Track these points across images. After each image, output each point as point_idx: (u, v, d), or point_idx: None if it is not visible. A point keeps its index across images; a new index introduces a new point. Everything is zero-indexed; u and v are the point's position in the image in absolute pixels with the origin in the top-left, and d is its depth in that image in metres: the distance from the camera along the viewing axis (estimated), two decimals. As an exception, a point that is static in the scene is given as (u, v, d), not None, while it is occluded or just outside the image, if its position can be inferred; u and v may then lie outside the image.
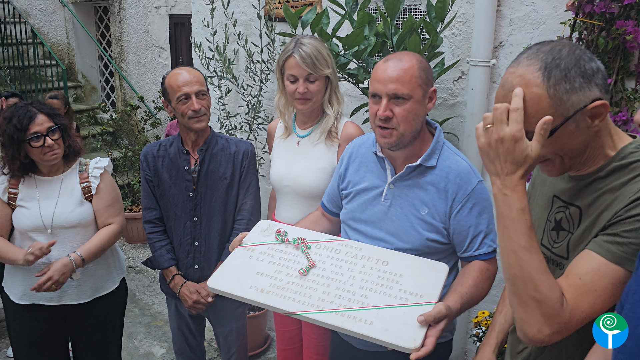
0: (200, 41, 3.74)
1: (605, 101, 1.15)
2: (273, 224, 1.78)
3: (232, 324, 2.56)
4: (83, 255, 2.31)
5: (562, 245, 1.29)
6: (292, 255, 1.63)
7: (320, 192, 2.20)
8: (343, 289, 1.50)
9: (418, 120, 1.65)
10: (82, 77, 7.33)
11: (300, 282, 1.52)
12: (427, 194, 1.70)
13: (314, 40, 2.15)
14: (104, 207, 2.42)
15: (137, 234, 5.56)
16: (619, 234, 1.11)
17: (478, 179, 1.69)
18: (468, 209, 1.66)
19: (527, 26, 2.47)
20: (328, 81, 2.19)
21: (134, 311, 4.26)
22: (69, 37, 7.30)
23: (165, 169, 2.39)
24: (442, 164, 1.70)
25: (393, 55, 1.67)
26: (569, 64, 1.14)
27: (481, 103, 2.59)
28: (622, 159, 1.20)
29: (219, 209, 2.38)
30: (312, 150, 2.24)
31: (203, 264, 2.42)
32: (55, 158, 2.32)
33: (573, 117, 1.15)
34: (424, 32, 2.58)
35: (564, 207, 1.30)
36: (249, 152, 2.42)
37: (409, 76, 1.60)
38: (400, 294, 1.46)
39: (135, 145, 5.96)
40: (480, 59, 2.54)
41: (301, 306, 1.45)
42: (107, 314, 2.52)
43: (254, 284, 1.54)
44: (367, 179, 1.82)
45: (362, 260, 1.60)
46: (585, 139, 1.19)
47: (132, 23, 6.45)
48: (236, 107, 3.73)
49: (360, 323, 1.38)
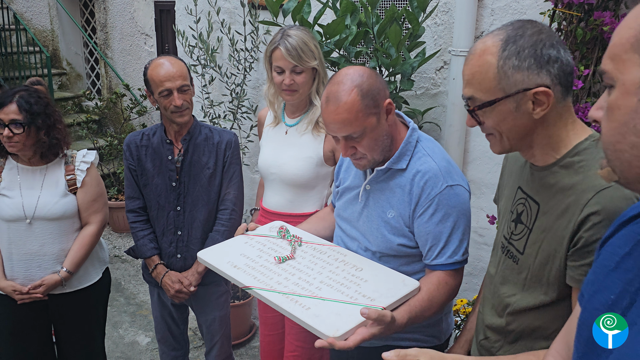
0: (184, 29, 3.71)
1: (548, 89, 1.14)
2: (285, 226, 1.84)
3: (215, 313, 2.57)
4: (70, 269, 2.36)
5: (520, 241, 1.30)
6: (281, 247, 1.72)
7: (305, 180, 2.21)
8: (304, 280, 1.54)
9: (382, 142, 1.59)
10: (67, 64, 7.24)
11: (271, 267, 1.61)
12: (394, 197, 1.64)
13: (300, 31, 2.14)
14: (89, 202, 2.41)
15: (123, 222, 5.53)
16: (591, 263, 1.07)
17: (446, 184, 1.56)
18: (429, 214, 1.56)
19: (508, 16, 2.48)
20: (315, 72, 2.19)
21: (119, 300, 4.25)
22: (53, 23, 7.20)
23: (149, 159, 2.38)
24: (412, 165, 1.61)
25: (330, 90, 1.53)
26: (526, 43, 1.14)
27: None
28: (574, 155, 1.20)
29: (202, 199, 2.38)
30: (299, 139, 2.25)
31: (185, 253, 2.43)
32: (11, 150, 2.26)
33: (513, 96, 1.16)
34: (406, 22, 2.58)
35: (524, 199, 1.32)
36: (232, 141, 2.41)
37: (353, 115, 1.50)
38: (353, 294, 1.47)
39: (121, 133, 5.91)
40: (462, 49, 2.55)
41: (257, 282, 1.54)
42: (89, 304, 2.52)
43: (231, 261, 1.66)
44: (351, 177, 1.81)
45: (339, 263, 1.63)
46: (526, 125, 1.19)
47: (117, 10, 6.37)
48: (220, 95, 3.71)
49: (298, 306, 1.42)
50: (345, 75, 1.53)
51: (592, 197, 1.12)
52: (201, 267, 2.39)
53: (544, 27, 1.19)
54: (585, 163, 1.17)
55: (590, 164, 1.17)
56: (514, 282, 1.32)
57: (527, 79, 1.14)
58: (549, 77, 1.14)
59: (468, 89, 1.23)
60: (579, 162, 1.18)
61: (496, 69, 1.16)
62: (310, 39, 2.15)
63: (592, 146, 1.19)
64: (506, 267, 1.36)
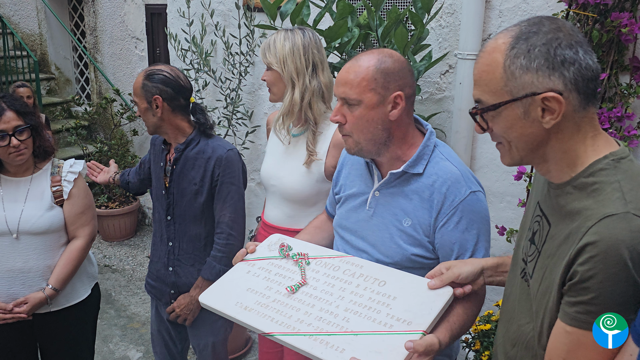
0: (176, 32, 3.58)
1: (558, 95, 1.00)
2: (282, 238, 1.68)
3: (209, 338, 2.41)
4: (56, 286, 2.21)
5: (531, 263, 1.17)
6: (288, 271, 1.55)
7: (305, 196, 2.09)
8: (326, 311, 1.38)
9: (373, 128, 1.49)
10: (56, 69, 7.09)
11: (285, 301, 1.45)
12: (411, 204, 1.53)
13: (289, 32, 2.02)
14: (76, 215, 2.28)
15: (114, 231, 5.39)
16: (589, 301, 0.97)
17: (470, 190, 1.48)
18: (454, 222, 1.47)
19: (517, 18, 2.38)
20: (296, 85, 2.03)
21: (109, 312, 4.10)
22: (41, 27, 7.04)
23: (153, 160, 2.34)
24: (430, 170, 1.51)
25: (363, 53, 1.52)
26: (538, 41, 1.02)
27: (469, 98, 2.49)
28: (589, 175, 1.05)
29: (189, 213, 2.25)
30: (300, 152, 2.12)
31: (177, 267, 2.30)
32: (21, 159, 2.16)
33: (520, 100, 1.03)
34: (409, 24, 2.47)
35: (540, 217, 1.19)
36: (223, 159, 2.18)
37: (359, 79, 1.45)
38: (386, 320, 1.32)
39: (111, 139, 5.78)
40: (469, 52, 2.44)
41: (278, 327, 1.37)
42: (78, 323, 2.37)
43: (240, 301, 1.49)
44: (356, 184, 1.68)
45: (358, 279, 1.46)
46: (537, 134, 1.06)
47: (107, 13, 6.24)
48: (214, 101, 3.59)
49: (331, 350, 1.27)
50: (380, 50, 1.51)
51: (593, 225, 0.97)
52: (198, 294, 2.26)
53: (565, 25, 1.05)
54: (599, 186, 1.02)
55: (603, 188, 1.01)
56: (527, 308, 1.18)
57: (536, 81, 1.01)
58: (561, 81, 1.01)
59: (475, 90, 1.12)
60: (592, 185, 1.03)
61: (502, 69, 1.04)
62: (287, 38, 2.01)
63: (609, 166, 1.04)
64: (522, 290, 1.22)
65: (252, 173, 3.53)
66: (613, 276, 0.93)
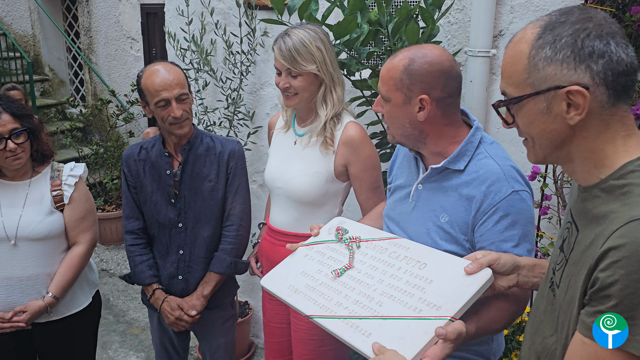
0: (175, 31, 3.50)
1: (584, 90, 0.93)
2: (343, 221, 1.68)
3: (220, 339, 2.36)
4: (56, 294, 2.14)
5: (559, 272, 1.09)
6: (340, 254, 1.57)
7: (313, 197, 2.01)
8: (364, 294, 1.39)
9: (402, 125, 1.50)
10: (50, 70, 6.98)
11: (330, 284, 1.48)
12: (449, 200, 1.49)
13: (305, 31, 1.93)
14: (77, 220, 2.20)
15: (111, 234, 5.30)
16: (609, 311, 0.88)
17: (512, 189, 1.41)
18: (494, 221, 1.41)
19: (530, 13, 2.31)
20: (320, 78, 1.98)
21: (108, 318, 4.02)
22: (35, 27, 6.94)
23: (148, 174, 2.18)
24: (472, 167, 1.47)
25: (407, 48, 1.51)
26: (566, 31, 0.96)
27: (480, 96, 2.43)
28: (619, 178, 0.96)
29: (205, 214, 2.18)
30: (307, 152, 2.05)
31: (187, 275, 2.21)
32: (18, 164, 2.08)
33: (543, 94, 0.97)
34: (419, 20, 2.40)
35: (570, 223, 1.11)
36: (236, 151, 2.21)
37: (388, 77, 1.48)
38: (417, 304, 1.29)
39: (107, 141, 5.68)
40: (480, 49, 2.38)
41: (318, 310, 1.42)
42: (79, 332, 2.29)
43: (292, 284, 1.56)
44: (404, 175, 1.68)
45: (402, 261, 1.42)
46: (561, 131, 1.00)
47: (101, 13, 6.15)
48: (214, 101, 3.51)
49: (358, 334, 1.30)
50: (423, 47, 1.49)
51: (619, 228, 0.89)
52: (207, 289, 2.18)
53: (597, 15, 0.97)
54: (629, 189, 0.94)
55: (634, 191, 0.93)
56: (551, 320, 1.11)
57: (560, 74, 0.95)
58: (589, 74, 0.94)
59: (501, 82, 1.06)
60: (622, 188, 0.95)
61: (526, 60, 0.99)
62: (315, 40, 1.92)
63: None
64: (548, 301, 1.15)
65: (253, 175, 3.45)
66: (636, 283, 0.85)
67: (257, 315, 3.65)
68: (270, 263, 2.10)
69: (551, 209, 2.37)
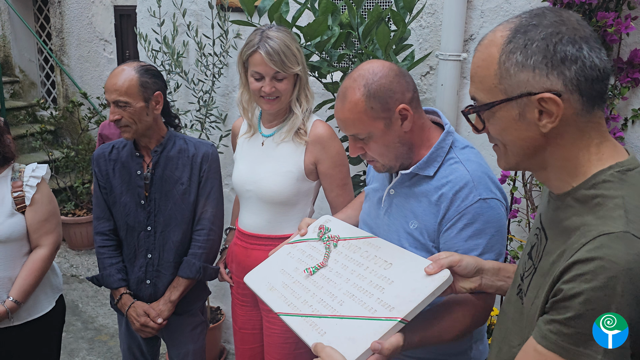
0: (147, 32, 3.45)
1: (556, 97, 0.91)
2: (328, 220, 1.67)
3: (189, 346, 2.31)
4: (18, 298, 2.07)
5: (527, 279, 1.07)
6: (319, 253, 1.57)
7: (285, 197, 1.99)
8: (330, 293, 1.39)
9: (393, 148, 1.44)
10: (20, 72, 6.84)
11: (303, 282, 1.49)
12: (419, 206, 1.45)
13: (281, 32, 1.91)
14: (39, 222, 2.14)
15: (81, 239, 5.20)
16: (565, 322, 0.86)
17: (479, 196, 1.37)
18: (458, 228, 1.38)
19: (500, 18, 2.33)
20: (297, 78, 1.97)
21: (75, 325, 3.92)
22: (5, 28, 6.80)
23: (117, 175, 2.14)
24: (442, 172, 1.43)
25: (343, 85, 1.43)
26: (537, 35, 0.92)
27: (451, 100, 2.43)
28: (591, 187, 0.95)
29: (175, 218, 2.14)
30: (277, 151, 2.03)
31: (155, 279, 2.17)
32: None
33: (516, 100, 0.94)
34: (390, 23, 2.41)
35: (539, 230, 1.09)
36: (210, 154, 2.17)
37: (356, 116, 1.38)
38: (374, 304, 1.28)
39: (79, 144, 5.58)
40: (450, 53, 2.39)
41: (286, 307, 1.43)
42: (41, 338, 2.22)
43: (270, 281, 1.56)
44: (379, 179, 1.64)
45: (371, 261, 1.41)
46: (534, 139, 0.97)
47: (74, 14, 6.05)
48: (186, 103, 3.46)
49: (314, 332, 1.31)
50: (359, 70, 1.41)
51: (589, 241, 0.87)
52: (174, 295, 2.14)
53: (570, 18, 0.94)
54: (601, 200, 0.92)
55: (605, 203, 0.91)
56: (519, 329, 1.08)
57: (532, 80, 0.92)
58: (562, 80, 0.91)
59: (471, 86, 1.03)
60: (594, 198, 0.93)
61: (497, 65, 0.95)
62: (292, 40, 1.93)
63: (614, 179, 0.93)
64: (516, 309, 1.13)
65: (226, 178, 3.41)
66: (599, 300, 0.83)
67: (228, 321, 3.60)
68: (242, 268, 2.06)
69: (520, 212, 2.38)
